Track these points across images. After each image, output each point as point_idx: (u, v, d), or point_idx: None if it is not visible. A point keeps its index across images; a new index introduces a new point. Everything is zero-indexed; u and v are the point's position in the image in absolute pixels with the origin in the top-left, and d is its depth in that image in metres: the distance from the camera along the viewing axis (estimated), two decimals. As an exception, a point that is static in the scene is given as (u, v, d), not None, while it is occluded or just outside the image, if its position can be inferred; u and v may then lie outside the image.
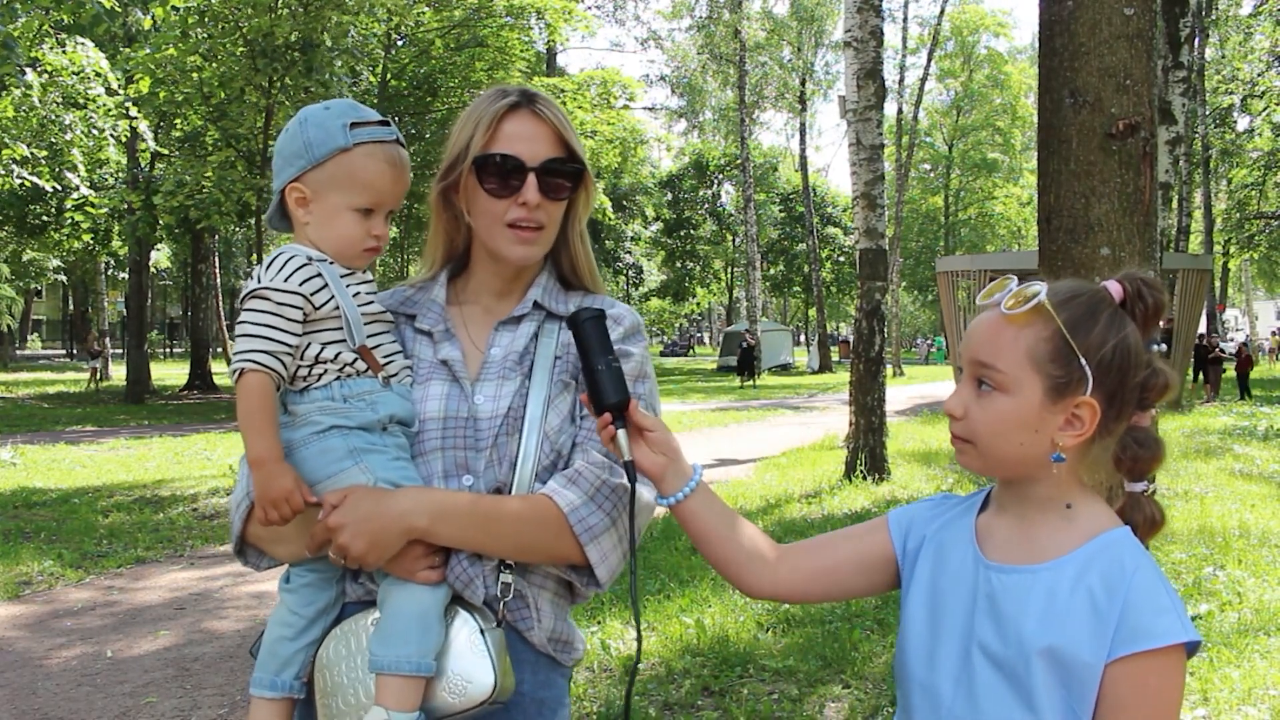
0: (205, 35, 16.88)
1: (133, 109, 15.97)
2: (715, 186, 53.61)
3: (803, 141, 40.40)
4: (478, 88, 21.75)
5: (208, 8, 16.61)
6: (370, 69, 21.81)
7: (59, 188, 17.20)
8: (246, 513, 1.52)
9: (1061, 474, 1.26)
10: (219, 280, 31.78)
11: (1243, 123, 32.08)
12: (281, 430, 1.46)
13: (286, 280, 1.46)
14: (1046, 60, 3.27)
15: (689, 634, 4.93)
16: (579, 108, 22.72)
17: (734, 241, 51.49)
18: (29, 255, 35.75)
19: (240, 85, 17.35)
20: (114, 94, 14.96)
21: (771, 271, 51.03)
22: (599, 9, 39.29)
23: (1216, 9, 29.72)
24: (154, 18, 16.42)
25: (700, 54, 40.02)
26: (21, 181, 15.95)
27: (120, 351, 38.04)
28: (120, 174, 22.72)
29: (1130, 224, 3.17)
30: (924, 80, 39.33)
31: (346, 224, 1.53)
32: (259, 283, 1.46)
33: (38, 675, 4.76)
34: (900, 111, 40.23)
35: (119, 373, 29.32)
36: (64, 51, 13.77)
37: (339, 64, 17.69)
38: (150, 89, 17.06)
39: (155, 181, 20.53)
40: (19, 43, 11.51)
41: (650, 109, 45.66)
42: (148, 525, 8.33)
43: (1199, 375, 22.40)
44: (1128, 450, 1.25)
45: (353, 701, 1.44)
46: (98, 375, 28.12)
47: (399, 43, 22.99)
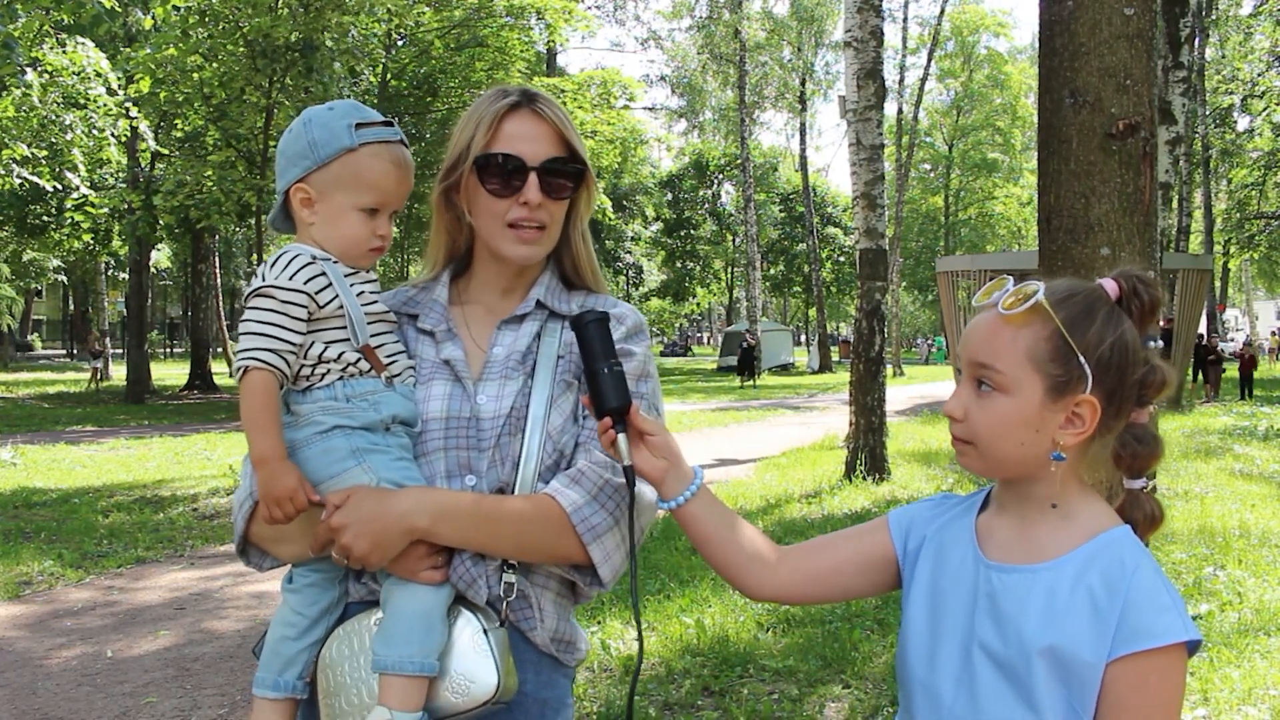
0: (205, 35, 16.87)
1: (133, 109, 15.95)
2: (715, 186, 53.60)
3: (803, 141, 40.40)
4: (478, 88, 21.75)
5: (208, 8, 16.60)
6: (370, 69, 21.81)
7: (59, 188, 17.18)
8: (250, 512, 1.52)
9: (1061, 473, 1.26)
10: (219, 280, 31.74)
11: (1243, 123, 32.09)
12: (284, 430, 1.46)
13: (291, 279, 1.46)
14: (1046, 60, 3.28)
15: (689, 634, 4.94)
16: (579, 108, 22.69)
17: (734, 241, 51.49)
18: (29, 255, 35.75)
19: (240, 85, 17.35)
20: (114, 94, 14.93)
21: (771, 271, 51.01)
22: (599, 9, 39.30)
23: (1216, 9, 29.72)
24: (154, 18, 16.39)
25: (700, 54, 39.99)
26: (22, 181, 15.94)
27: (120, 351, 37.99)
28: (120, 174, 22.70)
29: (1130, 224, 3.17)
30: (924, 80, 39.33)
31: (352, 224, 1.53)
32: (264, 281, 1.46)
33: (38, 675, 4.77)
34: (900, 111, 40.23)
35: (119, 373, 29.30)
36: (64, 51, 13.75)
37: (339, 64, 17.69)
38: (150, 89, 17.04)
39: (155, 181, 20.53)
40: (19, 43, 11.51)
41: (650, 109, 45.69)
42: (148, 525, 8.33)
43: (1199, 375, 22.38)
44: (1127, 447, 1.26)
45: (356, 701, 1.44)
46: (98, 375, 28.11)
47: (399, 43, 22.98)
